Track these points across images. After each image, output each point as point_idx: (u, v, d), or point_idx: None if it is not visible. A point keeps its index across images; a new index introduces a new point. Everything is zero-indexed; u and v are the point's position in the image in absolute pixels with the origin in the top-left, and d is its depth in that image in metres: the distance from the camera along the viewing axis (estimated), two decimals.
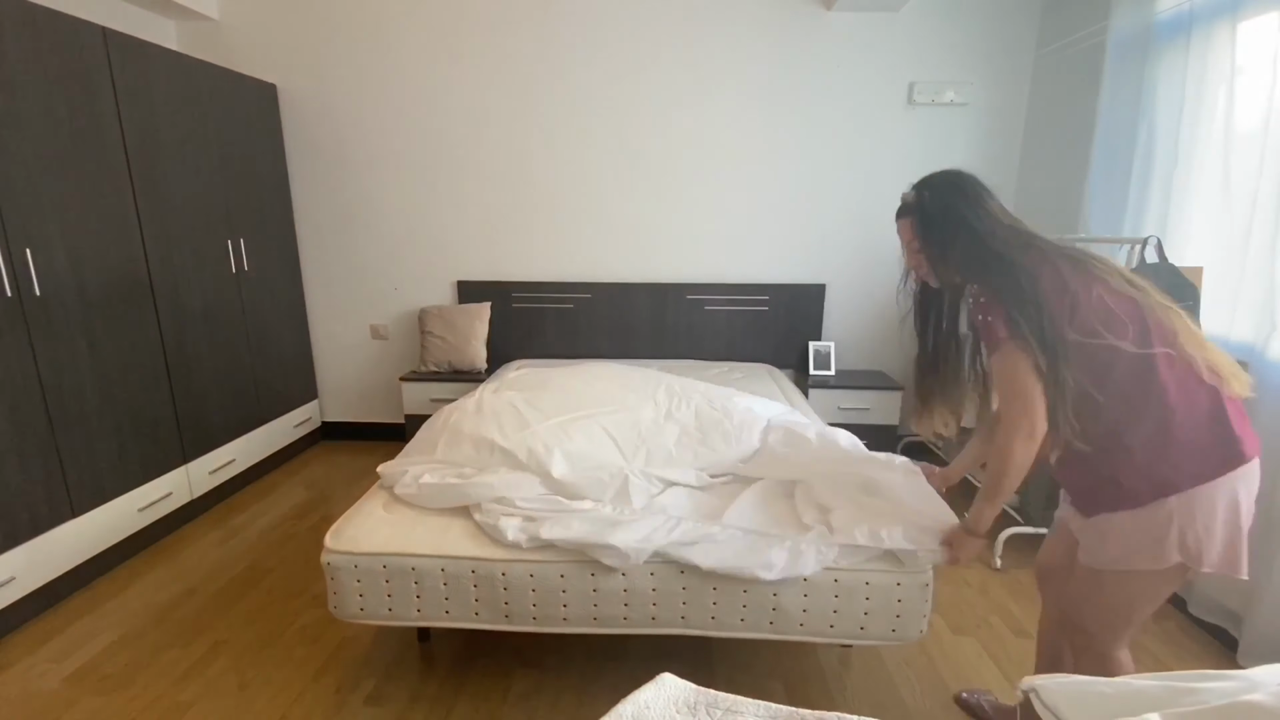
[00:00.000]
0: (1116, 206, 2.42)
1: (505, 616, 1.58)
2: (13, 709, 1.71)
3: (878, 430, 3.17)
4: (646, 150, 3.26)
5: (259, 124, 3.10)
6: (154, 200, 2.47)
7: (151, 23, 3.04)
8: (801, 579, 1.50)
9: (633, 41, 3.14)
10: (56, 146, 2.07)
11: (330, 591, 1.59)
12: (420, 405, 3.26)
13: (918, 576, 1.52)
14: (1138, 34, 2.32)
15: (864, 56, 3.12)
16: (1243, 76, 1.97)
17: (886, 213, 3.25)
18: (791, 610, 1.53)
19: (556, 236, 3.40)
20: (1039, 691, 0.87)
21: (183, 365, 2.63)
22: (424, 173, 3.33)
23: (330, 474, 3.24)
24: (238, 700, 1.73)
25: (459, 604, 1.57)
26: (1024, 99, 3.14)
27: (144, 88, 2.41)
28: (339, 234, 3.44)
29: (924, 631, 1.56)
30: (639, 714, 0.94)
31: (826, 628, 1.54)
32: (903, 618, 1.54)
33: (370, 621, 1.61)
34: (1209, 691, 0.80)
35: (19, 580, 2.00)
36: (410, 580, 1.56)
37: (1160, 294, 1.19)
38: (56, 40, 2.06)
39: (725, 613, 1.55)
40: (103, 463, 2.27)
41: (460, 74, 3.20)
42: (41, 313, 2.04)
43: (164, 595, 2.21)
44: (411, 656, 1.89)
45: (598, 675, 1.81)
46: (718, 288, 3.38)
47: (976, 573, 2.37)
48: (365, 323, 3.56)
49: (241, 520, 2.75)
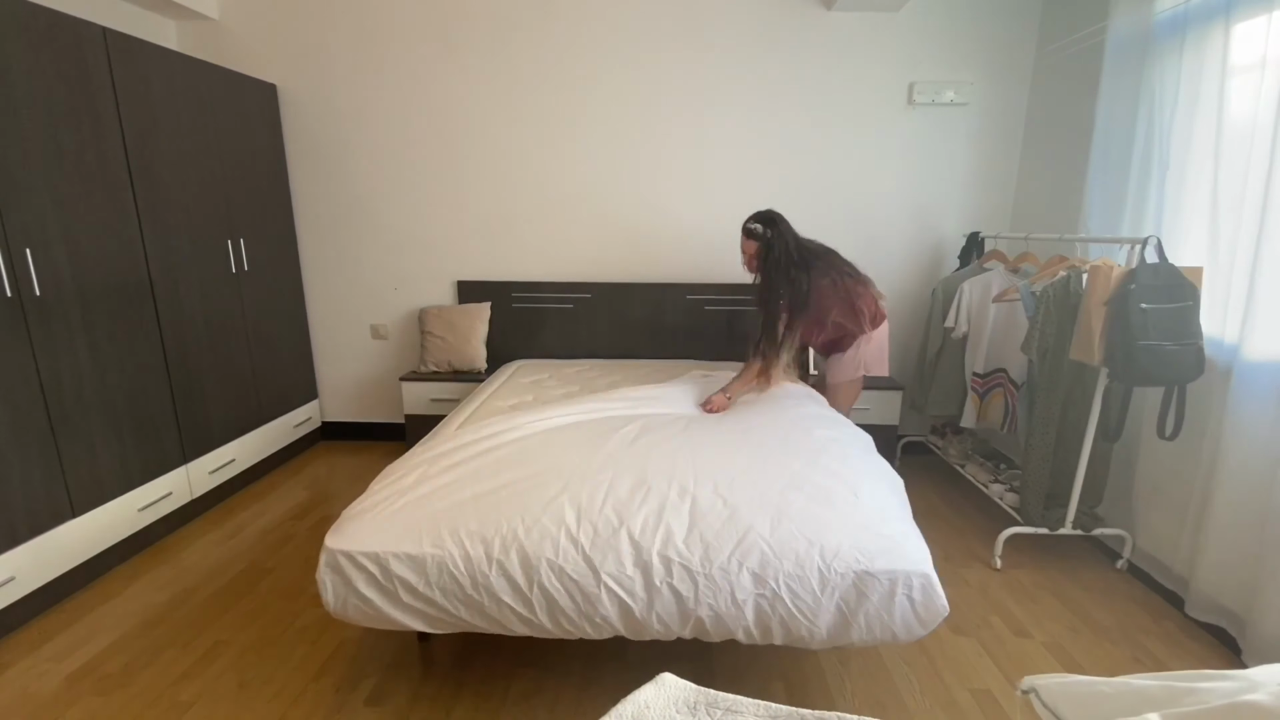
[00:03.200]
0: (1115, 206, 2.43)
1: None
2: (13, 709, 1.70)
3: (878, 430, 3.16)
4: (646, 150, 3.26)
5: (259, 124, 3.10)
6: (154, 200, 2.47)
7: (151, 23, 3.04)
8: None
9: (632, 42, 3.14)
10: (56, 146, 2.07)
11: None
12: (421, 405, 3.26)
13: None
14: (1137, 34, 2.32)
15: (864, 56, 3.12)
16: (1236, 78, 1.98)
17: (886, 213, 3.30)
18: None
19: (556, 236, 3.40)
20: (1039, 691, 0.87)
21: (183, 365, 2.63)
22: (424, 173, 3.33)
23: (330, 474, 3.24)
24: (238, 700, 1.73)
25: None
26: (1024, 99, 3.14)
27: (144, 88, 2.41)
28: (339, 234, 3.44)
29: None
30: (639, 714, 0.94)
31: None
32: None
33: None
34: (1209, 691, 0.80)
35: (19, 580, 2.00)
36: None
37: (852, 271, 2.50)
38: (56, 40, 2.06)
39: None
40: (103, 463, 2.27)
41: (460, 74, 3.20)
42: (41, 313, 2.04)
43: (164, 595, 2.21)
44: (411, 656, 1.89)
45: (598, 675, 1.81)
46: (718, 288, 3.38)
47: (976, 573, 2.37)
48: (365, 323, 3.56)
49: (241, 520, 2.75)
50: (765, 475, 1.77)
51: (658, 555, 1.52)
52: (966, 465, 2.95)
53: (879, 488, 1.77)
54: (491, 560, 1.52)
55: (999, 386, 2.82)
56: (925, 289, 3.34)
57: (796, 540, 1.53)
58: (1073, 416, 2.35)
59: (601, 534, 1.55)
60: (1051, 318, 2.22)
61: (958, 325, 2.86)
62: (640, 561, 1.52)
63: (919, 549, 1.55)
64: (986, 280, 2.83)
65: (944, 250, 3.32)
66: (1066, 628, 2.07)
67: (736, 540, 1.54)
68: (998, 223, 3.27)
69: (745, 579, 1.50)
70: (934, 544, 2.57)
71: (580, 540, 1.54)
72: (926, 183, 3.25)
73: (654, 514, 1.60)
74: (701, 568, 1.50)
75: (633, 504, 1.64)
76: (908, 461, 3.45)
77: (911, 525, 1.65)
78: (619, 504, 1.64)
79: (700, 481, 1.73)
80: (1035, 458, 2.32)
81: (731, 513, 1.61)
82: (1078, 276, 2.20)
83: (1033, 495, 2.35)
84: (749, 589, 1.50)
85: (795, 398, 2.46)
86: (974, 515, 2.82)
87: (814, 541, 1.53)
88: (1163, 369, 1.95)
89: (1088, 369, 2.26)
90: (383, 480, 1.82)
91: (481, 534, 1.56)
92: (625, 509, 1.62)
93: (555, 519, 1.59)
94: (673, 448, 1.93)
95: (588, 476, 1.75)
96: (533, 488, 1.71)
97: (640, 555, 1.52)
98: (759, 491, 1.69)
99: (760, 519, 1.59)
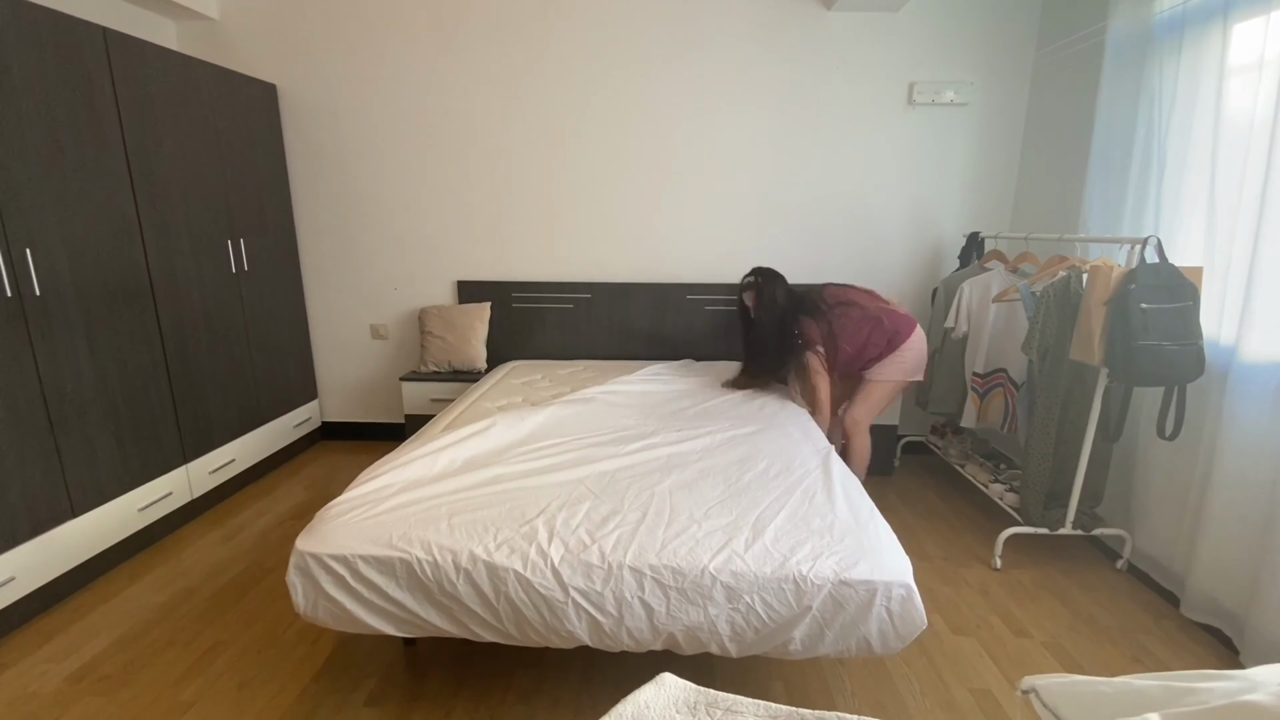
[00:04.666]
0: (1115, 206, 2.43)
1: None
2: (13, 709, 1.70)
3: (877, 430, 3.16)
4: (646, 150, 3.26)
5: (259, 124, 3.10)
6: (154, 200, 2.47)
7: (151, 23, 3.04)
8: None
9: (632, 41, 3.14)
10: (56, 146, 2.07)
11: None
12: (421, 405, 3.26)
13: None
14: (1137, 34, 2.32)
15: (864, 56, 3.12)
16: (1234, 78, 1.98)
17: (887, 213, 3.30)
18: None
19: (556, 236, 3.40)
20: (1039, 692, 0.87)
21: (183, 365, 2.63)
22: (424, 173, 3.33)
23: (330, 474, 3.24)
24: (238, 700, 1.73)
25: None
26: (1024, 99, 3.14)
27: (144, 88, 2.41)
28: (339, 234, 3.44)
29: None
30: (639, 714, 0.94)
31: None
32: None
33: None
34: (1209, 691, 0.80)
35: (19, 580, 2.00)
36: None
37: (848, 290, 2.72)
38: (56, 40, 2.06)
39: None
40: (103, 463, 2.27)
41: (460, 74, 3.20)
42: (41, 313, 2.04)
43: (164, 595, 2.21)
44: (411, 657, 1.90)
45: (598, 675, 1.81)
46: (718, 288, 3.38)
47: (976, 573, 2.37)
48: (365, 323, 3.56)
49: (241, 520, 2.75)
50: (743, 498, 1.76)
51: (629, 570, 1.49)
52: (966, 465, 2.95)
53: (860, 505, 1.75)
54: (459, 570, 1.51)
55: (999, 386, 2.82)
56: (925, 289, 3.34)
57: (770, 555, 1.51)
58: (1073, 416, 2.35)
59: (572, 550, 1.53)
60: (1051, 318, 2.22)
61: (958, 325, 2.86)
62: (610, 576, 1.50)
63: (899, 560, 1.52)
64: (986, 280, 2.83)
65: (944, 250, 3.32)
66: (1066, 628, 2.07)
67: (711, 554, 1.52)
68: (998, 223, 3.27)
69: (718, 594, 1.48)
70: (934, 544, 2.57)
71: (550, 554, 1.52)
72: (926, 183, 3.25)
73: (628, 533, 1.58)
74: (674, 582, 1.48)
75: (607, 526, 1.61)
76: (908, 461, 3.45)
77: (893, 539, 1.61)
78: (593, 525, 1.62)
79: (676, 505, 1.71)
80: (1035, 458, 2.32)
81: (706, 532, 1.59)
82: (1078, 276, 2.20)
83: (1033, 495, 2.35)
84: (722, 604, 1.48)
85: (780, 422, 2.39)
86: (974, 515, 2.82)
87: (789, 556, 1.51)
88: (1163, 369, 1.95)
89: (1088, 369, 2.26)
90: (358, 485, 1.79)
91: (451, 544, 1.55)
92: (599, 530, 1.60)
93: (527, 536, 1.58)
94: (652, 480, 1.88)
95: (565, 502, 1.73)
96: (507, 507, 1.69)
97: (610, 571, 1.50)
98: (736, 514, 1.67)
99: (737, 537, 1.57)
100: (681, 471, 1.93)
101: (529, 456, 2.02)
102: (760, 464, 1.97)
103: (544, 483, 1.84)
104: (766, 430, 2.28)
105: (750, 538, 1.57)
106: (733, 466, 1.96)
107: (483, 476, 1.87)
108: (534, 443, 2.14)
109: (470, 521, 1.62)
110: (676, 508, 1.70)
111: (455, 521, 1.62)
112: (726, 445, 2.14)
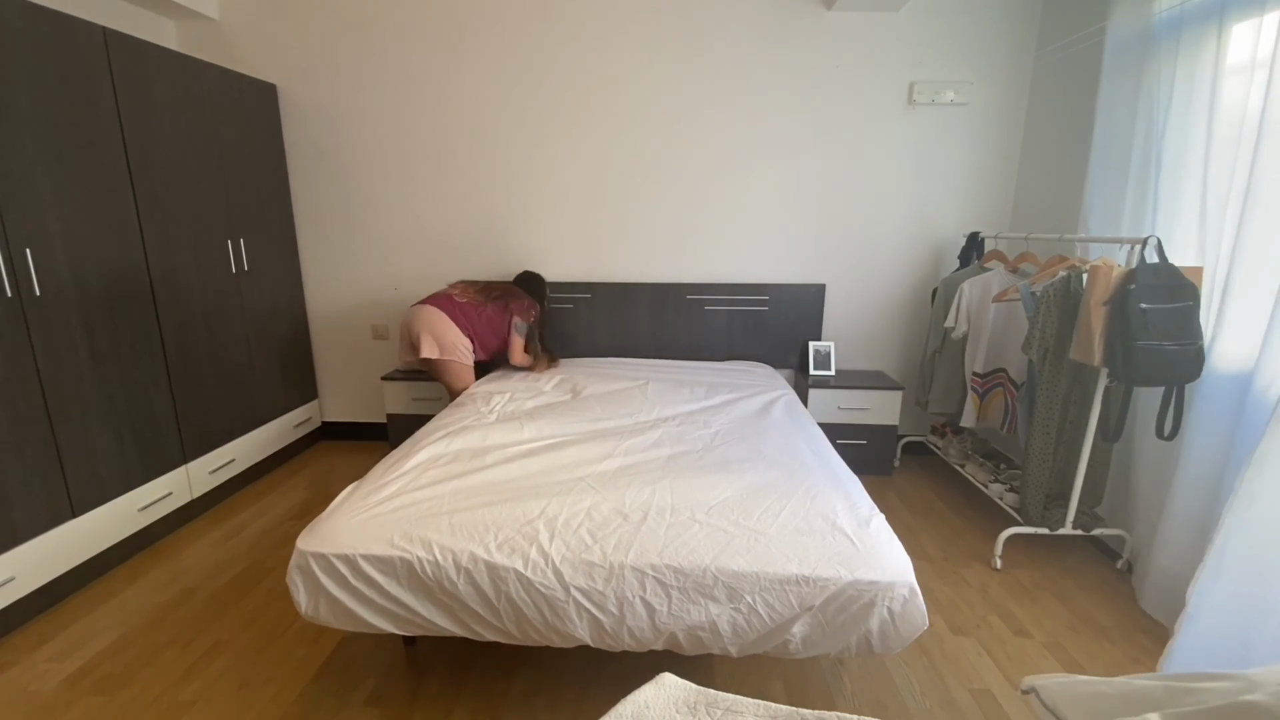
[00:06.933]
0: (1115, 206, 2.42)
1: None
2: (13, 709, 1.71)
3: (878, 430, 3.17)
4: (646, 150, 3.26)
5: (259, 124, 3.10)
6: (154, 200, 2.47)
7: (151, 23, 3.04)
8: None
9: (632, 42, 3.14)
10: (56, 146, 2.07)
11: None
12: (403, 405, 3.29)
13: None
14: (1136, 34, 2.32)
15: (864, 56, 3.11)
16: (1230, 79, 1.98)
17: (887, 213, 3.29)
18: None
19: (557, 237, 3.40)
20: (1039, 691, 0.88)
21: (183, 365, 2.63)
22: (424, 173, 3.33)
23: (330, 474, 3.24)
24: (238, 700, 1.73)
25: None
26: (1024, 99, 3.14)
27: (144, 88, 2.41)
28: (339, 234, 3.43)
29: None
30: (639, 714, 0.94)
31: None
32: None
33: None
34: (1209, 691, 0.80)
35: (19, 580, 2.00)
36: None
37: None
38: (56, 40, 2.06)
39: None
40: (103, 463, 2.27)
41: (460, 74, 3.20)
42: (41, 312, 2.04)
43: (164, 595, 2.21)
44: (411, 656, 1.90)
45: (598, 675, 1.81)
46: (718, 288, 3.38)
47: (976, 573, 2.37)
48: (365, 323, 3.56)
49: (241, 520, 2.75)
50: (745, 498, 1.75)
51: (631, 570, 1.49)
52: (966, 465, 2.95)
53: (861, 505, 1.74)
54: (460, 569, 1.51)
55: (999, 386, 2.82)
56: (925, 289, 3.34)
57: (772, 555, 1.51)
58: (1073, 416, 2.35)
59: (573, 549, 1.53)
60: (1051, 318, 2.22)
61: (957, 325, 2.86)
62: (612, 576, 1.49)
63: (901, 561, 1.52)
64: (986, 280, 2.83)
65: (944, 250, 3.32)
66: (1066, 628, 2.07)
67: (713, 554, 1.51)
68: (998, 223, 3.27)
69: (720, 593, 1.48)
70: (934, 544, 2.57)
71: (551, 554, 1.52)
72: (926, 183, 3.25)
73: (629, 533, 1.58)
74: (676, 581, 1.49)
75: (608, 525, 1.61)
76: (908, 461, 3.45)
77: (893, 539, 1.60)
78: (594, 525, 1.62)
79: (678, 505, 1.71)
80: (1035, 457, 2.32)
81: (708, 531, 1.59)
82: (1078, 276, 2.20)
83: (1033, 495, 2.35)
84: (724, 603, 1.48)
85: (782, 422, 2.38)
86: (974, 515, 2.82)
87: (791, 556, 1.51)
88: (1162, 369, 1.95)
89: (1088, 369, 2.26)
90: (355, 489, 1.80)
91: (451, 544, 1.55)
92: (600, 529, 1.60)
93: (528, 535, 1.57)
94: (653, 476, 1.88)
95: (566, 501, 1.72)
96: (509, 507, 1.69)
97: (612, 570, 1.50)
98: (737, 514, 1.67)
99: (738, 536, 1.57)
100: (682, 471, 1.93)
101: (529, 456, 2.02)
102: (761, 464, 1.97)
103: (545, 482, 1.84)
104: (768, 430, 2.28)
105: (752, 537, 1.57)
106: (734, 466, 1.96)
107: (483, 477, 1.87)
108: (535, 442, 2.15)
109: (471, 521, 1.62)
110: (678, 507, 1.70)
111: (456, 520, 1.62)
112: (728, 445, 2.14)
